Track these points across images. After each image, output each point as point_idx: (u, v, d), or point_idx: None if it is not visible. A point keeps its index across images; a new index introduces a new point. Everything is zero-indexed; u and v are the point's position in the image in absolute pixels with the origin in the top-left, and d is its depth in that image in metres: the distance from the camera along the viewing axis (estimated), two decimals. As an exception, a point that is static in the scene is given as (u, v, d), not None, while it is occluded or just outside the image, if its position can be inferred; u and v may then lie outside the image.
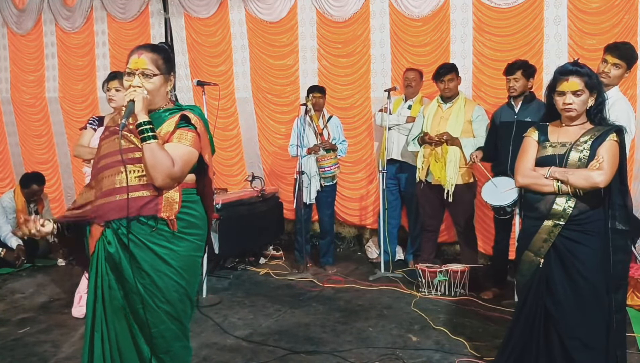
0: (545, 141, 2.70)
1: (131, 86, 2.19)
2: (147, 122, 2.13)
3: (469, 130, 4.60)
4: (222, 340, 3.64)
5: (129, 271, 2.17)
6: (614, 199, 2.61)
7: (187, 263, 2.26)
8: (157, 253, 2.18)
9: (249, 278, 5.02)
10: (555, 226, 2.62)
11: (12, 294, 4.67)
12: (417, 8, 5.23)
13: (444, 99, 4.71)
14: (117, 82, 3.93)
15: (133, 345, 2.22)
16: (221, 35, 6.16)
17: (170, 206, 2.19)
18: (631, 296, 4.14)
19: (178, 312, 2.26)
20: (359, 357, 3.37)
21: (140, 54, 2.23)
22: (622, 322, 2.79)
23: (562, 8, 4.67)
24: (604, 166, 2.53)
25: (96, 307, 2.24)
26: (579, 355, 2.60)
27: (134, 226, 2.16)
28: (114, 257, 2.18)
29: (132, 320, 2.21)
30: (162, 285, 2.19)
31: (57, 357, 3.43)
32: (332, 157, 5.12)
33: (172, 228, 2.19)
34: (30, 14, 7.06)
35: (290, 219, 5.83)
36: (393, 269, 5.02)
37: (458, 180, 4.57)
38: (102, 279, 2.22)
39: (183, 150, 2.19)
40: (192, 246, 2.28)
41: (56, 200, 7.16)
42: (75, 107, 7.03)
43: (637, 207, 4.54)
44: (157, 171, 2.10)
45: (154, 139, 2.11)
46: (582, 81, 2.57)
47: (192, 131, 2.23)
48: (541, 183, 2.62)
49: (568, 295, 2.62)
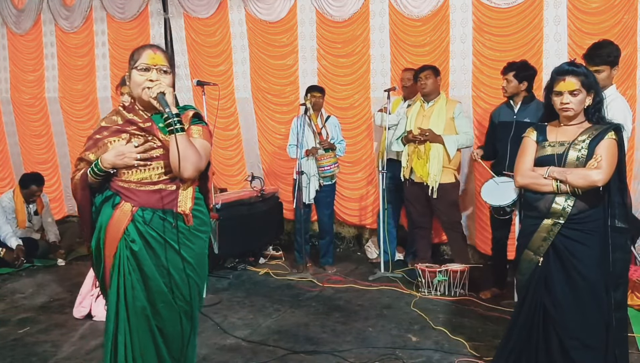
0: (544, 141, 2.71)
1: (149, 80, 2.20)
2: (177, 114, 2.16)
3: (452, 127, 4.65)
4: (221, 340, 3.64)
5: (153, 270, 2.19)
6: (613, 197, 2.61)
7: (201, 260, 2.32)
8: (177, 250, 2.21)
9: (248, 278, 5.03)
10: (554, 225, 2.62)
11: (12, 294, 4.67)
12: (417, 8, 5.24)
13: (425, 98, 4.76)
14: None
15: (154, 347, 2.24)
16: (221, 35, 6.16)
17: (185, 201, 2.24)
18: (631, 297, 4.14)
19: (193, 310, 2.31)
20: (359, 357, 3.38)
21: (155, 51, 2.27)
22: (622, 321, 2.78)
23: (562, 8, 4.67)
24: (602, 165, 2.53)
25: (119, 308, 2.22)
26: (578, 355, 2.60)
27: (155, 222, 2.19)
28: (137, 256, 2.20)
29: (152, 321, 2.23)
30: (182, 283, 2.24)
31: (57, 357, 3.43)
32: (331, 156, 5.12)
33: (187, 223, 2.23)
34: (29, 14, 7.05)
35: (290, 219, 5.83)
36: (392, 269, 5.02)
37: (443, 179, 4.60)
38: (125, 279, 2.21)
39: (204, 144, 2.27)
40: (203, 243, 2.33)
41: (56, 200, 7.15)
42: (75, 107, 7.03)
43: (637, 207, 4.55)
44: (189, 162, 2.15)
45: (182, 131, 2.14)
46: (579, 81, 2.59)
47: (207, 128, 2.33)
48: (540, 183, 2.63)
49: (567, 294, 2.62)
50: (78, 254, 5.64)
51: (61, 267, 5.45)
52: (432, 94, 4.73)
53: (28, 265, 5.38)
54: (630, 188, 4.47)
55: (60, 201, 7.29)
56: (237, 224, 5.16)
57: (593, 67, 3.37)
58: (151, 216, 2.19)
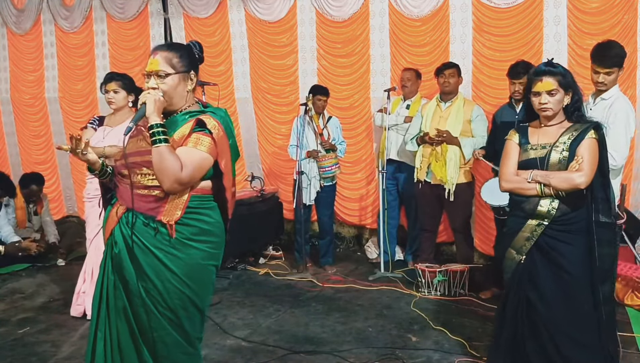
0: (526, 143, 2.76)
1: (147, 88, 2.16)
2: (158, 124, 2.08)
3: (468, 130, 4.60)
4: (221, 340, 3.64)
5: (132, 273, 2.15)
6: (596, 193, 2.66)
7: (194, 271, 2.20)
8: (160, 258, 2.14)
9: (248, 278, 5.02)
10: (538, 226, 2.67)
11: (12, 294, 4.67)
12: (417, 8, 5.23)
13: (442, 97, 4.70)
14: (114, 84, 3.92)
15: (134, 347, 2.20)
16: (220, 35, 6.16)
17: (172, 211, 2.15)
18: (631, 296, 4.14)
19: (180, 320, 2.20)
20: (359, 357, 3.38)
21: (155, 55, 2.19)
22: (611, 315, 2.80)
23: (562, 8, 4.66)
24: (584, 167, 2.57)
25: (101, 307, 2.23)
26: (571, 352, 2.63)
27: (138, 227, 2.14)
28: (118, 257, 2.18)
29: (133, 322, 2.19)
30: (164, 290, 2.15)
31: (56, 357, 3.43)
32: (332, 157, 5.12)
33: (170, 234, 2.14)
34: (29, 14, 7.05)
35: (290, 220, 5.82)
36: (392, 269, 5.02)
37: (458, 179, 4.57)
38: (108, 278, 2.22)
39: (195, 155, 2.12)
40: (201, 254, 2.21)
41: (55, 200, 7.14)
42: (75, 107, 7.02)
43: (637, 207, 4.55)
44: (164, 175, 2.06)
45: (164, 143, 2.06)
46: (556, 81, 2.62)
47: (208, 136, 2.15)
48: (525, 187, 2.68)
49: (553, 290, 2.66)
50: (78, 254, 5.63)
51: (61, 267, 5.45)
52: (451, 94, 4.66)
53: (28, 265, 5.38)
54: (630, 188, 4.49)
55: (60, 202, 7.29)
56: (236, 224, 5.09)
57: (604, 69, 3.37)
58: (134, 220, 2.14)
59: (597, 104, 3.50)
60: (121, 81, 3.93)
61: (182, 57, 2.21)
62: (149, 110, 2.10)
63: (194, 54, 2.28)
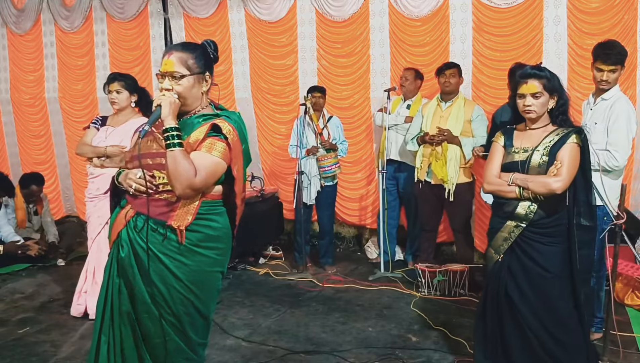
0: (510, 146, 2.79)
1: (162, 90, 2.12)
2: (173, 128, 2.04)
3: (468, 130, 4.59)
4: (221, 340, 3.64)
5: (138, 278, 2.13)
6: (579, 196, 2.70)
7: (200, 278, 2.17)
8: (167, 265, 2.11)
9: (248, 278, 5.02)
10: (516, 227, 2.72)
11: (12, 294, 4.67)
12: (417, 8, 5.24)
13: (443, 97, 4.70)
14: (117, 84, 3.94)
15: (136, 352, 2.19)
16: (220, 35, 6.15)
17: (184, 216, 2.11)
18: (631, 296, 4.15)
19: (184, 326, 2.18)
20: (359, 357, 3.38)
21: (170, 55, 2.14)
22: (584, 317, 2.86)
23: (562, 8, 4.67)
24: (562, 172, 2.60)
25: (105, 310, 2.22)
26: (551, 348, 2.67)
27: (145, 231, 2.10)
28: (124, 262, 2.15)
29: (137, 327, 2.17)
30: (169, 297, 2.13)
31: (56, 357, 3.43)
32: (333, 156, 5.12)
33: (180, 239, 2.10)
34: (29, 14, 7.05)
35: (290, 220, 5.82)
36: (392, 269, 5.03)
37: (459, 179, 4.57)
38: (113, 282, 2.20)
39: (209, 161, 2.08)
40: (207, 261, 2.18)
41: (54, 201, 7.13)
42: (75, 107, 7.02)
43: (637, 207, 4.56)
44: (177, 180, 2.02)
45: (178, 147, 2.02)
46: (541, 84, 2.65)
47: (223, 141, 2.11)
48: (505, 190, 2.73)
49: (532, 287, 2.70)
50: (78, 254, 5.63)
51: (61, 267, 5.45)
52: (452, 94, 4.66)
53: (28, 265, 5.38)
54: (630, 188, 4.49)
55: (59, 202, 7.28)
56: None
57: (609, 66, 3.37)
58: (142, 224, 2.11)
59: (598, 104, 3.50)
60: (124, 81, 3.95)
61: (197, 58, 2.17)
62: (164, 113, 2.07)
63: (209, 54, 2.25)
